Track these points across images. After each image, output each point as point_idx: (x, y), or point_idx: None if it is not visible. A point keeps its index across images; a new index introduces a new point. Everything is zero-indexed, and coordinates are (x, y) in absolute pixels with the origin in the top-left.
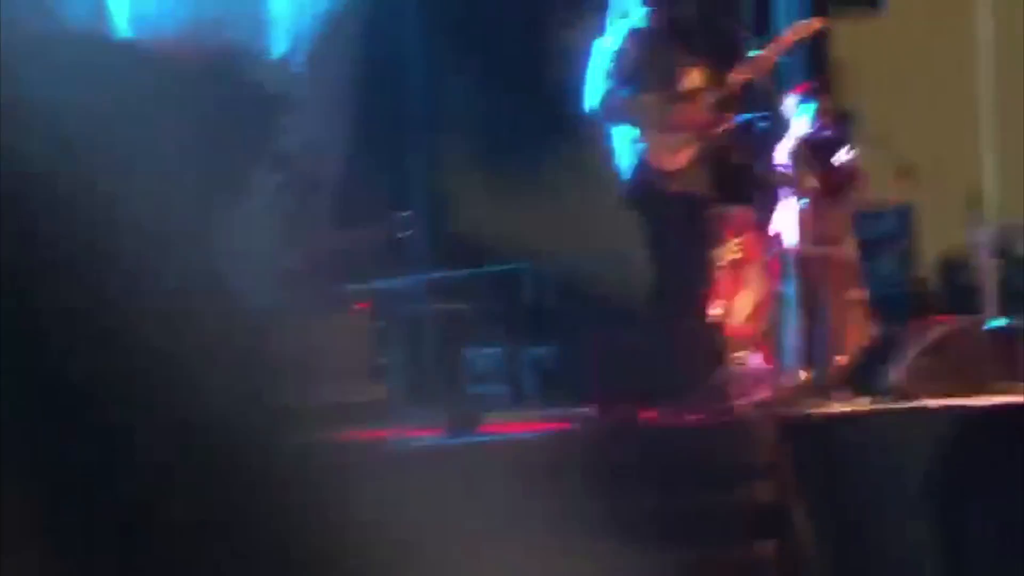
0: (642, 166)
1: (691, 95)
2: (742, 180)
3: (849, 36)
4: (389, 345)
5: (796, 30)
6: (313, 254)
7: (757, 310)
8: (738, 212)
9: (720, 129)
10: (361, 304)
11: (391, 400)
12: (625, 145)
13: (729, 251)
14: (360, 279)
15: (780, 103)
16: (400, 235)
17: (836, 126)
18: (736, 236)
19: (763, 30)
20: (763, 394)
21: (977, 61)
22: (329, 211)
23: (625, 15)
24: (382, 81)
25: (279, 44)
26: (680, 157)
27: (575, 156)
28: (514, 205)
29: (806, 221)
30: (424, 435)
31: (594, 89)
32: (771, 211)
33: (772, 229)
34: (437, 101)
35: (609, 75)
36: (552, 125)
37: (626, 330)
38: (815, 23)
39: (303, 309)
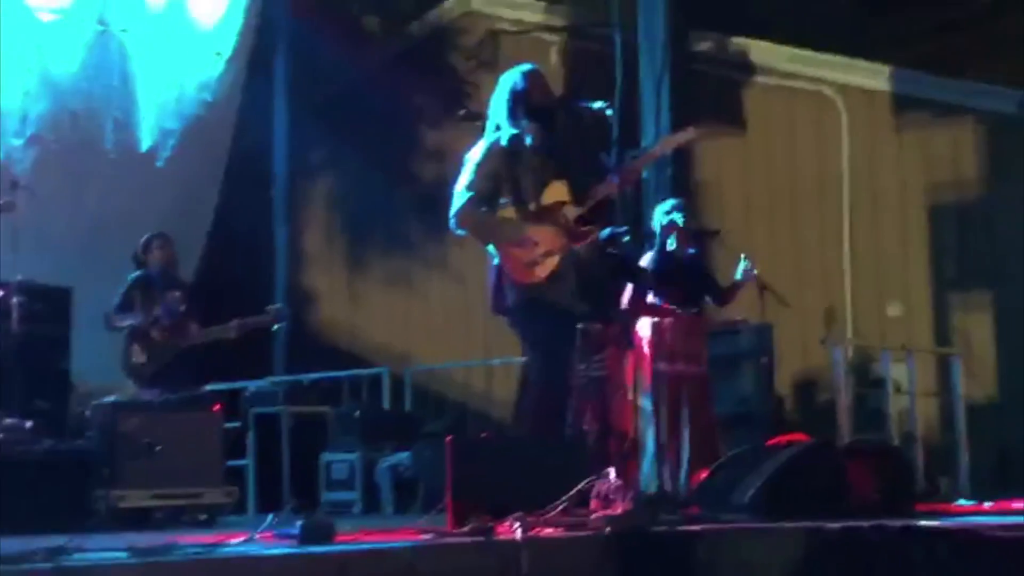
0: (502, 278)
1: (552, 209)
2: (605, 295)
3: (714, 155)
4: (243, 447)
5: (667, 142)
6: (166, 349)
7: (618, 424)
8: (601, 327)
9: (581, 243)
10: (216, 404)
11: (243, 503)
12: (491, 257)
13: (593, 366)
14: (216, 378)
15: (645, 219)
16: (274, 327)
17: (698, 244)
18: (599, 351)
19: (631, 143)
20: (620, 508)
21: (839, 184)
22: (186, 306)
23: (497, 129)
24: (245, 181)
25: (145, 139)
26: (539, 271)
27: (441, 263)
28: (377, 309)
29: (664, 338)
30: (276, 542)
31: (457, 200)
32: (632, 326)
33: (633, 344)
34: (301, 204)
35: (470, 187)
36: (420, 231)
37: (484, 439)
38: (688, 133)
39: (154, 407)
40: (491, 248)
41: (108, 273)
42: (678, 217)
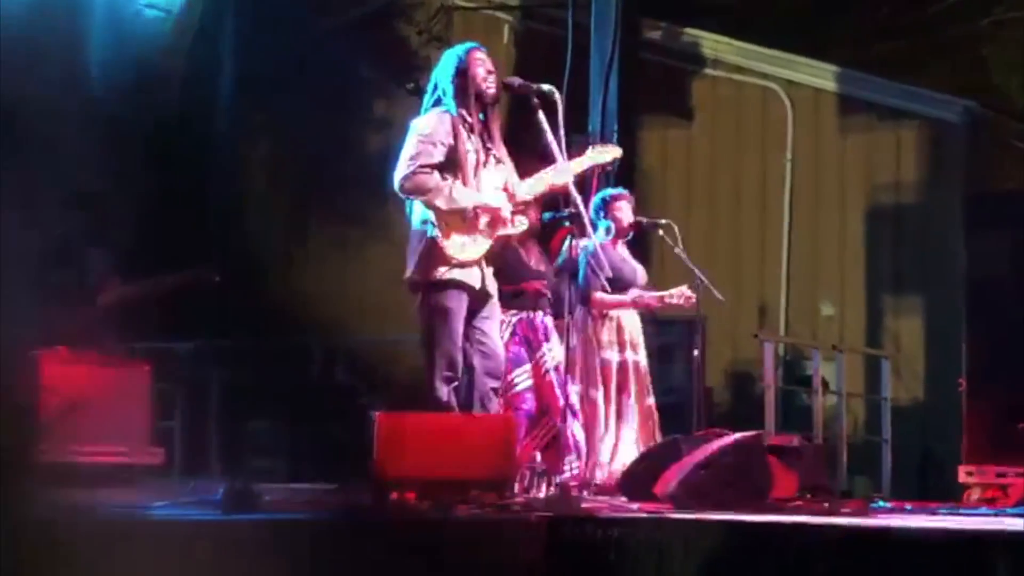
0: (432, 250)
1: (492, 192)
2: (540, 279)
3: (658, 145)
4: (170, 409)
5: (596, 153)
6: (98, 303)
7: (550, 410)
8: (542, 317)
9: (515, 229)
10: (146, 363)
11: (169, 466)
12: (420, 228)
13: (542, 355)
14: (148, 338)
15: (585, 206)
16: (210, 282)
17: (636, 232)
18: (545, 339)
19: (578, 127)
20: (544, 492)
21: (781, 180)
22: (113, 264)
23: (439, 102)
24: (187, 141)
25: (95, 84)
26: (472, 249)
27: (383, 234)
28: (314, 277)
29: (600, 325)
30: (199, 507)
31: (402, 166)
32: (568, 312)
33: (568, 330)
34: (242, 167)
35: (420, 155)
36: (362, 201)
37: (412, 415)
38: (613, 151)
39: (83, 361)
40: (428, 216)
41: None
42: (610, 214)
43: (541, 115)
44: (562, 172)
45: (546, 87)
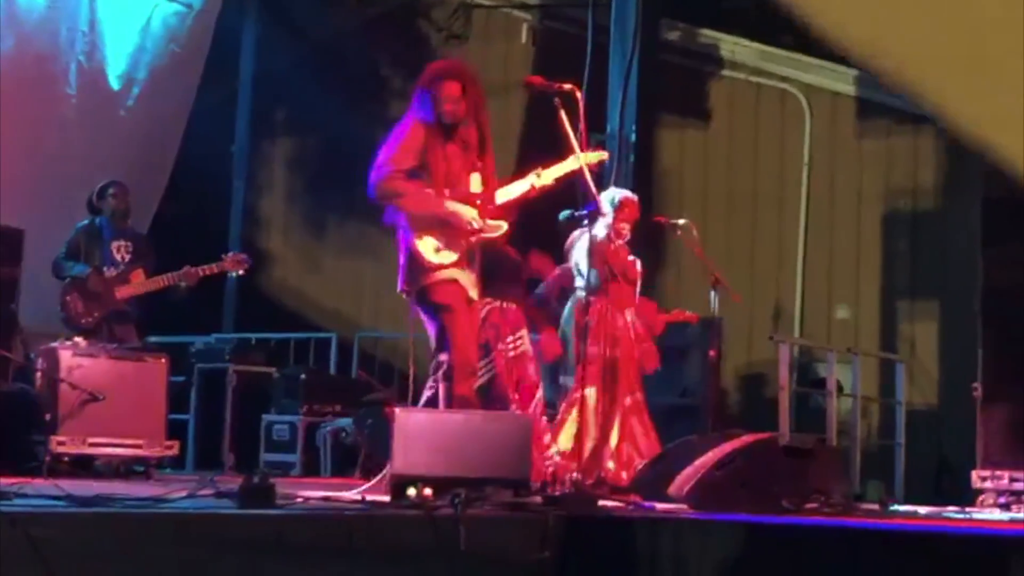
0: (414, 259)
1: (467, 200)
2: (520, 275)
3: (676, 147)
4: (187, 402)
5: (574, 160)
6: (105, 300)
7: (540, 406)
8: (515, 308)
9: (492, 234)
10: (162, 357)
11: (182, 458)
12: (402, 239)
13: (510, 345)
14: (164, 332)
15: (596, 202)
16: (233, 273)
17: (635, 230)
18: (513, 331)
19: (597, 127)
20: (553, 489)
21: (797, 183)
22: (132, 256)
23: (417, 109)
24: (207, 136)
25: (110, 86)
26: (446, 254)
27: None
28: (330, 273)
29: (593, 320)
30: (215, 501)
31: (375, 169)
32: (559, 307)
33: (561, 325)
34: (262, 163)
35: (392, 161)
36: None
37: (428, 411)
38: (599, 155)
39: (100, 354)
40: (404, 225)
41: (62, 218)
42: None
43: (563, 114)
44: (541, 177)
45: (567, 86)
